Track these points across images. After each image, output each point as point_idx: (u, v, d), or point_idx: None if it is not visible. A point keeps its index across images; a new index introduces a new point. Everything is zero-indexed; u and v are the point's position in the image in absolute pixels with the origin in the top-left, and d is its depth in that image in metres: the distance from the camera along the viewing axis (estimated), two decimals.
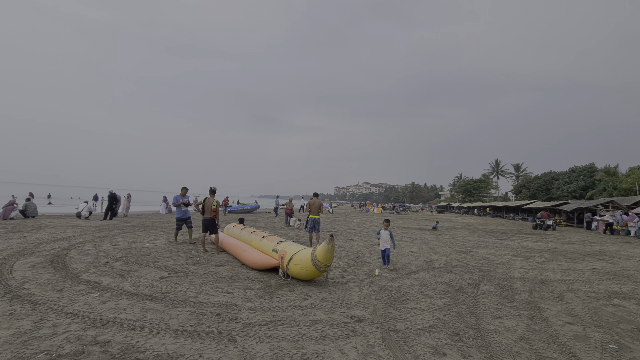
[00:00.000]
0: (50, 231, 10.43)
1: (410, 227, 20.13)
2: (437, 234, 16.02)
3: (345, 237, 12.56)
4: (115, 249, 7.68)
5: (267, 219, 20.64)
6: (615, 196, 34.09)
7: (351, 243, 10.91)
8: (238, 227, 8.92)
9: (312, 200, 9.74)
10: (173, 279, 5.30)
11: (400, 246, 10.64)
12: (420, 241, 12.37)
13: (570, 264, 8.65)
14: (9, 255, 6.45)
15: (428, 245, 11.17)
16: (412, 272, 6.85)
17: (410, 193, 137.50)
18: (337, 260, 7.72)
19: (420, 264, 7.79)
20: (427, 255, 9.06)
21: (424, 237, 13.81)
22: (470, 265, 7.94)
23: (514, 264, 8.37)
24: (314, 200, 9.74)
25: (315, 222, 9.42)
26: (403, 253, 9.25)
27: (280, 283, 5.36)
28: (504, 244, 12.76)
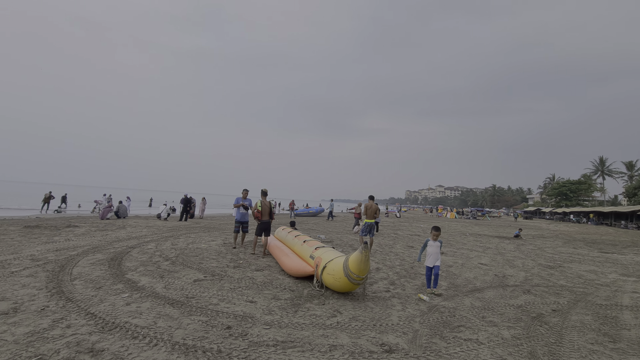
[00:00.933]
0: (130, 230, 11.61)
1: (486, 234, 17.81)
2: (519, 243, 13.76)
3: (405, 243, 11.49)
4: (172, 249, 8.05)
5: (328, 223, 20.35)
6: None
7: (409, 251, 9.85)
8: (286, 231, 8.68)
9: (369, 204, 9.09)
10: (206, 282, 5.18)
11: (468, 256, 9.23)
12: (496, 251, 10.64)
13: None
14: (83, 251, 7.17)
15: (504, 257, 9.49)
16: (476, 289, 5.70)
17: (490, 197, 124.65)
18: (388, 270, 6.89)
19: (489, 279, 6.51)
20: (500, 269, 7.61)
21: (501, 247, 11.91)
22: (558, 284, 6.36)
23: (623, 286, 6.48)
24: (370, 203, 9.11)
25: (371, 226, 8.85)
26: (470, 265, 7.93)
27: (312, 294, 4.84)
28: (611, 258, 10.24)
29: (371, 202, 9.14)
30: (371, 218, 8.88)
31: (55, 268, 5.57)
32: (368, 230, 8.97)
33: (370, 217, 8.90)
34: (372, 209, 8.95)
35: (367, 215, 8.95)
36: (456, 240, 13.43)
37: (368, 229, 8.96)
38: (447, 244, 11.90)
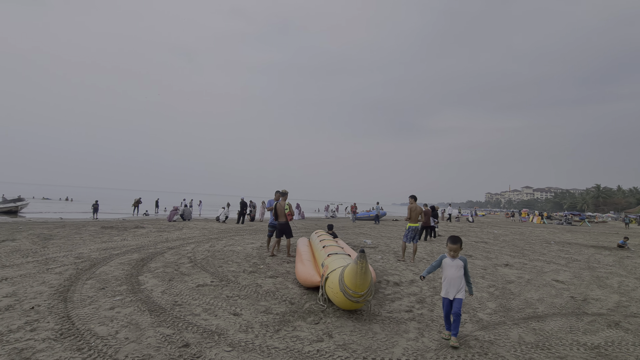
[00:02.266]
0: (184, 232, 12.30)
1: (578, 243, 14.66)
2: (624, 255, 10.88)
3: (463, 252, 9.90)
4: (206, 251, 8.11)
5: (382, 227, 19.13)
6: None
7: None
8: (318, 234, 8.09)
9: (413, 205, 8.04)
10: (208, 288, 4.88)
11: (541, 270, 7.44)
12: (584, 265, 8.45)
13: None
14: (125, 251, 7.60)
15: (594, 273, 7.42)
16: (536, 316, 4.32)
17: (593, 199, 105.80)
18: (424, 283, 5.79)
19: (560, 302, 4.97)
20: (582, 289, 5.85)
21: (594, 260, 9.49)
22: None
23: None
24: (414, 205, 8.05)
25: (415, 231, 7.93)
26: (539, 282, 6.29)
27: (312, 309, 4.14)
28: None
29: (415, 204, 8.09)
30: (415, 221, 7.89)
31: (86, 267, 5.89)
32: (412, 236, 7.98)
33: (414, 221, 7.91)
34: (416, 211, 7.95)
35: (411, 218, 7.95)
36: (533, 250, 11.20)
37: (412, 234, 7.96)
38: (520, 254, 9.94)
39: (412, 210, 7.96)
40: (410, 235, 7.95)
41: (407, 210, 8.25)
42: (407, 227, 8.02)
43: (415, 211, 7.95)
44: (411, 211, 7.97)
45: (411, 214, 7.95)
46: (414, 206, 8.01)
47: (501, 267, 7.67)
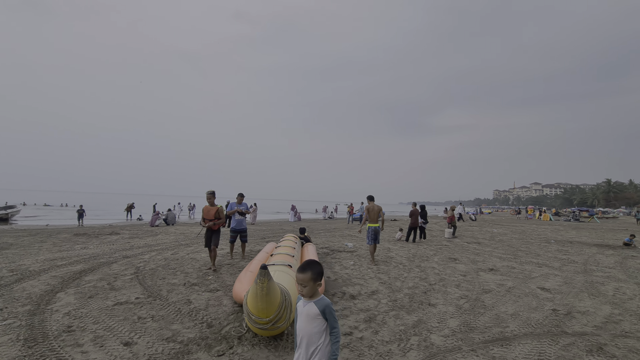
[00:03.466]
0: (158, 238, 11.73)
1: (582, 241, 13.73)
2: (628, 255, 9.98)
3: (448, 255, 9.13)
4: (163, 259, 7.50)
5: None
6: None
7: (447, 265, 7.61)
8: (285, 238, 7.42)
9: (370, 205, 7.84)
10: (125, 307, 4.24)
11: (528, 275, 6.66)
12: (580, 268, 7.63)
13: None
14: (74, 262, 7.02)
15: (589, 278, 6.61)
16: (501, 338, 3.58)
17: (604, 194, 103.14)
18: (385, 295, 5.08)
19: (538, 318, 4.21)
20: (569, 299, 5.07)
21: (593, 261, 8.64)
22: None
23: None
24: (371, 205, 7.84)
25: (375, 232, 7.73)
26: (521, 290, 5.53)
27: (228, 335, 3.45)
28: None
29: (373, 203, 7.85)
30: (374, 222, 7.72)
31: (10, 281, 5.31)
32: (373, 237, 7.73)
33: (373, 221, 7.73)
34: (374, 211, 7.75)
35: (370, 218, 7.76)
36: (529, 251, 10.37)
37: (373, 235, 7.72)
38: (512, 256, 9.13)
39: (370, 210, 7.77)
40: (371, 236, 7.72)
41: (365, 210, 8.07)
42: (367, 228, 7.77)
43: (374, 211, 7.74)
44: (369, 211, 7.78)
45: (369, 215, 7.76)
46: (371, 206, 7.79)
47: (484, 273, 6.90)
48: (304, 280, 2.03)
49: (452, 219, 13.99)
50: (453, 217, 14.03)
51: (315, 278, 2.04)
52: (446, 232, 13.87)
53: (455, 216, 14.32)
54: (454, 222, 13.97)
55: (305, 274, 2.03)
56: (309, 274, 2.03)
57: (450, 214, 14.21)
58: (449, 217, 14.10)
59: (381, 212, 7.76)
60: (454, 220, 14.05)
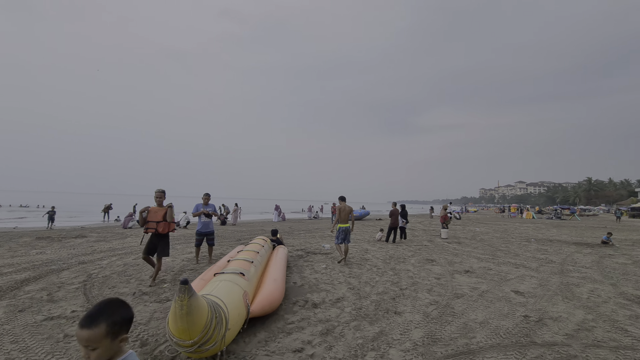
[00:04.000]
0: (127, 241, 11.14)
1: (562, 240, 13.74)
2: (605, 253, 9.94)
3: (425, 256, 8.89)
4: (122, 265, 7.02)
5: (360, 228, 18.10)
6: None
7: (423, 267, 7.34)
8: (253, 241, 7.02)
9: (341, 205, 7.89)
10: (54, 323, 3.78)
11: (504, 277, 6.44)
12: (557, 269, 7.47)
13: None
14: (20, 269, 6.47)
15: (565, 279, 6.43)
16: (466, 351, 3.29)
17: (585, 192, 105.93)
18: (350, 303, 4.75)
19: (508, 326, 3.95)
20: (542, 303, 4.84)
21: (571, 260, 8.52)
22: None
23: None
24: (342, 205, 7.89)
25: (345, 232, 7.73)
26: (495, 294, 5.28)
27: (161, 356, 3.06)
28: None
29: (343, 204, 7.93)
30: (344, 222, 7.74)
31: None
32: (343, 237, 7.73)
33: (343, 221, 7.75)
34: (345, 212, 7.81)
35: (340, 218, 7.79)
36: (508, 251, 10.23)
37: (343, 235, 7.72)
38: (491, 257, 8.95)
39: (341, 210, 7.81)
40: (340, 236, 7.70)
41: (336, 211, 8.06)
42: (337, 228, 7.75)
43: (344, 211, 7.79)
44: (340, 211, 7.81)
45: (340, 215, 7.79)
46: (342, 206, 7.84)
47: (459, 275, 6.65)
48: (90, 340, 1.17)
49: (445, 218, 13.60)
50: (446, 217, 13.62)
51: (112, 332, 1.22)
52: (442, 232, 13.36)
53: (448, 215, 13.93)
54: (447, 221, 13.61)
55: (92, 330, 1.18)
56: (102, 327, 1.19)
57: (443, 213, 13.81)
58: (442, 216, 13.70)
59: (351, 213, 7.87)
60: (448, 220, 13.67)
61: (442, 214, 13.82)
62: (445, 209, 14.21)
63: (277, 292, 4.23)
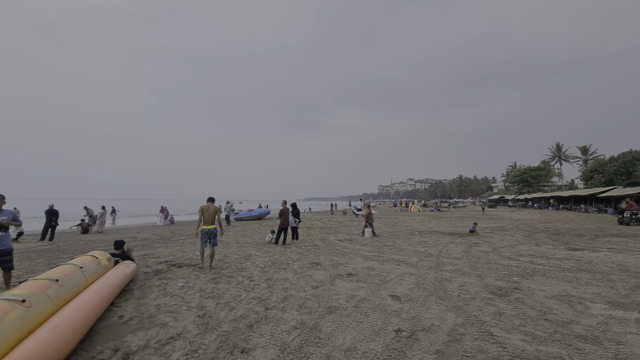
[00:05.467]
0: None
1: (440, 230, 14.99)
2: (473, 242, 10.90)
3: (312, 259, 8.17)
4: None
5: (233, 230, 16.75)
6: None
7: (304, 274, 6.50)
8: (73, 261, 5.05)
9: (206, 206, 7.11)
10: None
11: (385, 278, 6.03)
12: (434, 262, 7.54)
13: None
14: None
15: (440, 274, 6.38)
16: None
17: (458, 187, 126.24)
18: (205, 334, 3.47)
19: (377, 349, 3.24)
20: (416, 309, 4.40)
21: (446, 252, 8.89)
22: (509, 345, 3.21)
23: (625, 342, 3.44)
24: (208, 205, 7.14)
25: (209, 234, 7.15)
26: (371, 303, 4.68)
27: None
28: (583, 260, 7.44)
29: (209, 204, 7.33)
30: (209, 223, 7.15)
31: None
32: (206, 240, 7.17)
33: (208, 222, 7.15)
34: (209, 212, 7.19)
35: (205, 220, 7.17)
36: (394, 245, 10.35)
37: (206, 237, 7.15)
38: (377, 253, 8.74)
39: (205, 211, 7.18)
40: (204, 238, 7.14)
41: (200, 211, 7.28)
42: (201, 230, 7.18)
43: (208, 212, 7.18)
44: (203, 212, 7.18)
45: (203, 215, 7.16)
46: (206, 207, 7.23)
47: (341, 280, 6.01)
48: None
49: (369, 216, 12.82)
50: (370, 215, 12.83)
51: None
52: (366, 231, 12.60)
53: (372, 213, 13.09)
54: (370, 219, 12.83)
55: None
56: None
57: (367, 211, 12.92)
58: (366, 214, 12.87)
59: (218, 213, 7.27)
60: (371, 218, 12.89)
61: (366, 212, 12.94)
62: (368, 206, 13.44)
63: (49, 349, 2.67)
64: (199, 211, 7.19)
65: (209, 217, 7.12)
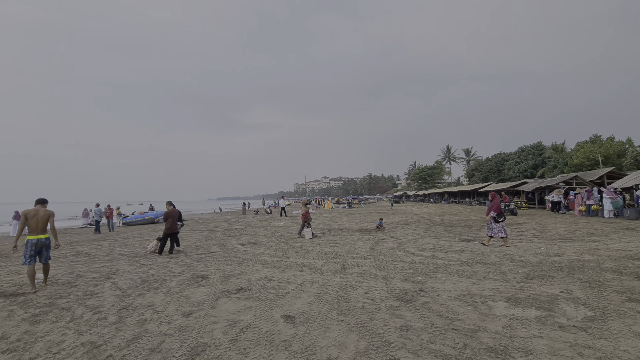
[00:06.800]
0: None
1: (350, 227, 14.84)
2: (380, 238, 10.78)
3: (198, 272, 6.71)
4: None
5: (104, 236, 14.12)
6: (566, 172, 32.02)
7: (179, 295, 5.06)
8: None
9: (33, 210, 5.55)
10: None
11: (282, 292, 5.01)
12: (340, 265, 6.87)
13: None
14: None
15: (345, 280, 5.67)
16: None
17: (368, 185, 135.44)
18: None
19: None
20: (313, 333, 3.49)
21: (353, 251, 8.38)
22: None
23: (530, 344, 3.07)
24: (37, 208, 5.61)
25: (40, 245, 5.45)
26: (258, 332, 3.59)
27: None
28: (476, 252, 7.69)
29: (37, 207, 5.58)
30: (38, 232, 5.41)
31: None
32: (32, 254, 5.39)
33: (35, 231, 5.41)
34: (38, 218, 5.43)
35: (30, 227, 5.43)
36: (300, 247, 9.50)
37: (32, 252, 5.38)
38: (280, 257, 7.71)
39: (31, 216, 5.38)
40: (29, 253, 5.34)
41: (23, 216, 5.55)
42: (26, 241, 5.43)
43: (37, 217, 5.39)
44: (28, 218, 5.36)
45: (29, 223, 5.37)
46: (34, 210, 5.46)
47: (227, 299, 4.77)
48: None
49: (307, 215, 11.73)
50: (307, 214, 11.78)
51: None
52: (305, 232, 11.45)
53: (309, 212, 12.04)
54: (308, 218, 11.73)
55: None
56: None
57: (305, 210, 11.82)
58: (303, 214, 11.77)
59: (51, 219, 5.58)
60: (309, 217, 11.80)
61: (303, 211, 11.92)
62: (306, 205, 12.28)
63: None
64: (21, 217, 5.18)
65: (37, 225, 5.45)
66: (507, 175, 47.14)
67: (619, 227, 11.60)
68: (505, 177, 47.36)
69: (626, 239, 8.98)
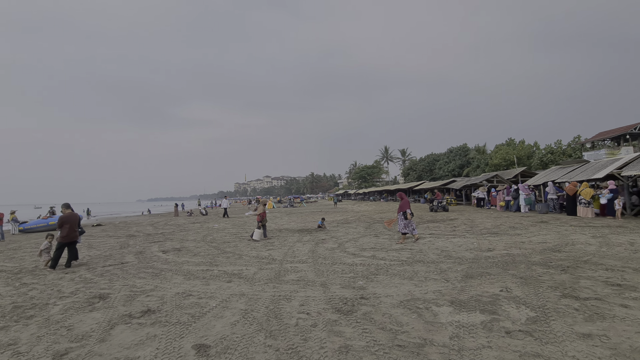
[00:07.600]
0: None
1: (291, 228, 14.14)
2: (320, 239, 10.27)
3: (98, 289, 5.43)
4: None
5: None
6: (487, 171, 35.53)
7: (60, 325, 3.87)
8: None
9: None
10: None
11: (202, 310, 4.13)
12: (275, 272, 6.14)
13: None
14: None
15: (278, 291, 4.96)
16: None
17: (310, 184, 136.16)
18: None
19: None
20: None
21: (291, 255, 7.70)
22: None
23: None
24: None
25: None
26: None
27: None
28: (415, 249, 7.57)
29: None
30: None
31: None
32: None
33: None
34: None
35: None
36: (234, 251, 8.54)
37: None
38: (208, 266, 6.70)
39: None
40: None
41: None
42: None
43: None
44: None
45: None
46: None
47: (125, 325, 3.74)
48: None
49: (263, 215, 10.80)
50: (264, 215, 10.87)
51: None
52: (255, 233, 10.54)
53: (266, 213, 11.17)
54: (264, 220, 10.87)
55: None
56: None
57: (262, 209, 10.88)
58: (260, 213, 10.80)
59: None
60: (265, 218, 10.91)
61: (260, 210, 10.95)
62: (264, 205, 11.34)
63: None
64: None
65: None
66: (438, 174, 50.86)
67: (535, 220, 12.73)
68: (436, 176, 51.05)
69: (543, 231, 9.74)
